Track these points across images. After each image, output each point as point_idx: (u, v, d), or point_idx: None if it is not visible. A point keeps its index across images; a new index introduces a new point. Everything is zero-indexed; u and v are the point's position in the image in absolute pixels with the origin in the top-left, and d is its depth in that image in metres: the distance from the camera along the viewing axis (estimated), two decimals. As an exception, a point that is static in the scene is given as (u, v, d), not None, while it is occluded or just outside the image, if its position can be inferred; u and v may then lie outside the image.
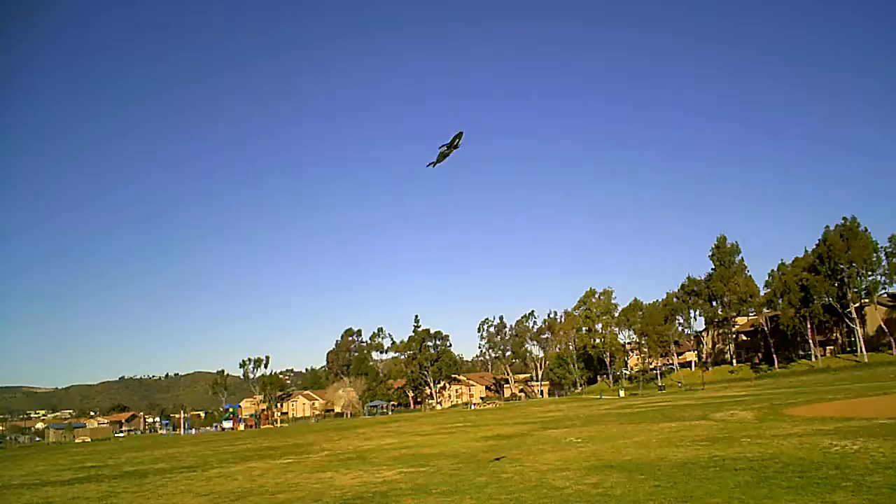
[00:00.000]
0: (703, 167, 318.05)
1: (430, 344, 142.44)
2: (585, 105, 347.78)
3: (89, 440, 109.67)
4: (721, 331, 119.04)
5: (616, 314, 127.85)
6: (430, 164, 16.26)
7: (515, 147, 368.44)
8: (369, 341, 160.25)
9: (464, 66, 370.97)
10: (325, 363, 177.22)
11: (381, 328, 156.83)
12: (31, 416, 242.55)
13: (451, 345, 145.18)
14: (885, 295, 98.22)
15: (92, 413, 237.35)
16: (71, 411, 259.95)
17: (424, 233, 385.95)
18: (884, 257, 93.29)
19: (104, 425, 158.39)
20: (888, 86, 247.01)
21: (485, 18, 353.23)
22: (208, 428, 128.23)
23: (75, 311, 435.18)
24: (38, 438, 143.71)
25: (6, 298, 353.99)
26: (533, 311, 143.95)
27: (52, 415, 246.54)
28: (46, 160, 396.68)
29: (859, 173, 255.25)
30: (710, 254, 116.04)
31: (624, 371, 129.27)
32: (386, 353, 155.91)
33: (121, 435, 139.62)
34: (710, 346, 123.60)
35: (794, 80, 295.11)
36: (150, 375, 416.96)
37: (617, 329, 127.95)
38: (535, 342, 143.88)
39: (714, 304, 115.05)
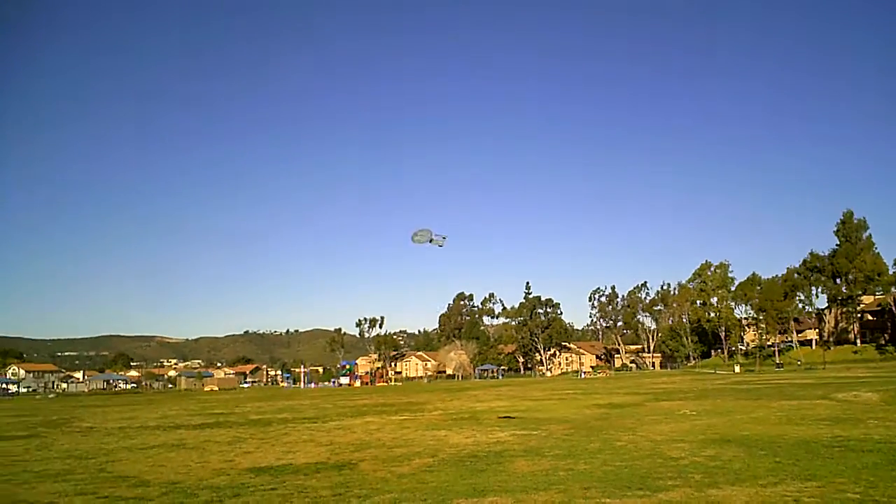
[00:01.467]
0: (830, 141, 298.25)
1: (540, 311, 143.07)
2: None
3: (216, 389, 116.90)
4: (845, 309, 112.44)
5: (732, 288, 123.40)
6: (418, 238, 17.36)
7: (637, 124, 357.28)
8: (480, 306, 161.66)
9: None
10: (437, 326, 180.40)
11: (493, 293, 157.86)
12: (164, 364, 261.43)
13: (561, 313, 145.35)
14: None
15: (219, 364, 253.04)
16: (200, 361, 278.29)
17: (538, 202, 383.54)
18: None
19: (230, 376, 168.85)
20: None
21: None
22: (326, 383, 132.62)
23: (206, 268, 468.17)
24: (170, 385, 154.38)
25: (144, 257, 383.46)
26: (645, 283, 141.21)
27: (183, 364, 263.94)
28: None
29: None
30: (836, 229, 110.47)
31: (739, 346, 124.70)
32: (497, 318, 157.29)
33: (245, 385, 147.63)
34: (832, 324, 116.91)
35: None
36: (273, 331, 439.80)
37: (733, 303, 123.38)
38: (647, 313, 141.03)
39: (838, 281, 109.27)
